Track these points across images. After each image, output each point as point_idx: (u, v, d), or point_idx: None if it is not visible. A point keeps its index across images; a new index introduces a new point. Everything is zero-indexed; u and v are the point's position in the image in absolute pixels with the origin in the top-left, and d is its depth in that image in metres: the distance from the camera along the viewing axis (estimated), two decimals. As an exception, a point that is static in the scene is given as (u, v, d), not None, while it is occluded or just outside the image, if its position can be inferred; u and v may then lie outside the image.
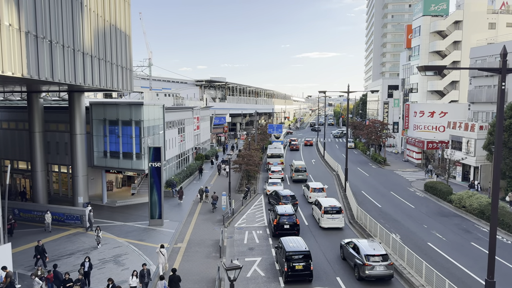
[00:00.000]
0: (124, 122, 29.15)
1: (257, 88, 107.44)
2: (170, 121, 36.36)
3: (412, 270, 17.98)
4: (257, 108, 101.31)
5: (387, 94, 66.21)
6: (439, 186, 32.87)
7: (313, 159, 56.07)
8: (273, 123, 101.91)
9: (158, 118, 31.42)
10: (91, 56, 19.59)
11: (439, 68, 11.50)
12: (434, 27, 54.55)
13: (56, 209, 26.69)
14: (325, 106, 72.57)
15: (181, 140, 39.82)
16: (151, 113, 29.88)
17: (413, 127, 49.92)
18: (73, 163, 28.12)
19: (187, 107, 44.37)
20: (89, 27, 19.09)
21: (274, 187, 33.79)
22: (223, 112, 74.46)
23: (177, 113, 38.81)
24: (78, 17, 17.87)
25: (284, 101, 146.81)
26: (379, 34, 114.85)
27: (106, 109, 29.67)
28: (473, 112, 41.34)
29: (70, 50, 17.30)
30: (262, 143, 59.71)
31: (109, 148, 29.92)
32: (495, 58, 38.47)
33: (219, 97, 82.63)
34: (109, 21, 21.58)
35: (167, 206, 30.13)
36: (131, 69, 25.31)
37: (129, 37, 24.76)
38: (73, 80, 17.56)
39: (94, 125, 29.94)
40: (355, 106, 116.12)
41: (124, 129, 29.23)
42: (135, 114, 28.53)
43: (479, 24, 53.18)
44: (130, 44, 25.02)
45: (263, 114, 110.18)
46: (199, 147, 49.97)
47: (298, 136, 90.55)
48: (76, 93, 26.95)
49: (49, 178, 32.77)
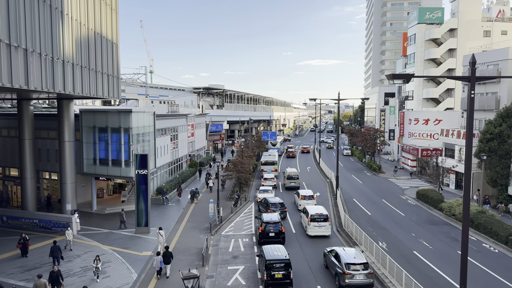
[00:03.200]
0: (113, 129, 29.22)
1: (255, 95, 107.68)
2: (162, 128, 36.43)
3: (394, 279, 17.82)
4: (255, 115, 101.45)
5: (383, 102, 66.22)
6: (430, 194, 32.69)
7: (309, 166, 55.96)
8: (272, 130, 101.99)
9: (148, 125, 31.49)
10: (73, 64, 19.73)
11: (406, 76, 11.48)
12: (429, 35, 54.73)
13: (43, 216, 26.70)
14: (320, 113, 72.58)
15: (173, 147, 39.86)
16: (140, 120, 29.96)
17: (408, 134, 49.83)
18: (62, 170, 28.16)
19: (181, 114, 44.47)
20: (70, 36, 19.26)
21: (265, 194, 33.68)
22: (220, 119, 74.58)
23: (170, 120, 38.89)
24: (57, 26, 18.04)
25: (284, 108, 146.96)
26: (378, 41, 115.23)
27: (95, 116, 29.77)
28: (465, 120, 41.20)
29: (48, 58, 17.43)
30: (258, 150, 59.71)
31: (99, 155, 29.97)
32: (487, 65, 38.45)
33: (217, 104, 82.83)
34: (94, 30, 21.77)
35: (157, 214, 30.08)
36: (118, 76, 25.44)
37: (116, 45, 24.93)
38: (51, 88, 17.66)
39: (84, 132, 30.02)
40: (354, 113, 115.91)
41: (113, 136, 29.29)
42: (124, 121, 28.61)
43: (474, 32, 53.32)
44: (117, 52, 25.17)
45: (261, 121, 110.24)
46: (193, 154, 49.99)
47: (296, 143, 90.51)
48: (65, 100, 27.08)
49: (40, 185, 32.85)
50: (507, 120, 30.40)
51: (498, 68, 36.83)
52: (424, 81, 55.56)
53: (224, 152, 68.45)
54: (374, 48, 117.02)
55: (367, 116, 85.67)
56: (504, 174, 30.17)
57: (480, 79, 12.41)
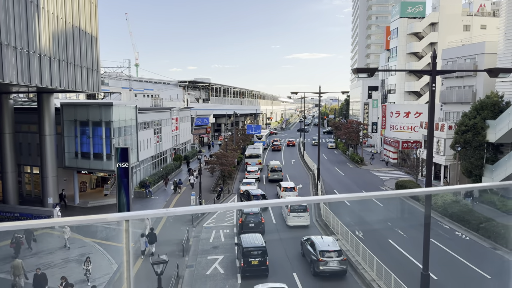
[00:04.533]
0: (94, 122, 29.28)
1: (242, 89, 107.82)
2: (145, 122, 36.53)
3: (366, 265, 18.51)
4: (242, 109, 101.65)
5: (367, 95, 67.15)
6: (408, 185, 33.58)
7: (293, 159, 56.63)
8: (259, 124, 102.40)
9: (130, 119, 31.60)
10: (50, 57, 19.79)
11: (371, 70, 11.97)
12: (411, 29, 55.55)
13: (25, 210, 26.77)
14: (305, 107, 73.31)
15: (157, 140, 40.00)
16: (122, 113, 30.05)
17: (390, 127, 50.77)
18: (43, 164, 28.18)
19: (165, 107, 44.56)
20: (46, 29, 19.29)
21: (247, 187, 34.17)
22: (206, 113, 74.67)
23: (153, 114, 38.99)
24: (33, 19, 18.07)
25: (271, 102, 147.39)
26: (364, 35, 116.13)
27: (76, 110, 29.77)
28: (444, 112, 42.24)
29: (24, 51, 17.49)
30: (243, 144, 60.13)
31: (80, 149, 30.03)
32: (464, 59, 39.40)
33: (203, 98, 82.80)
34: (71, 23, 21.79)
35: (139, 207, 30.36)
36: (98, 70, 25.51)
37: (95, 39, 24.96)
38: (27, 81, 17.75)
39: (65, 126, 30.01)
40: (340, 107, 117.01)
41: (95, 130, 29.37)
42: (105, 114, 28.68)
43: (454, 26, 54.27)
44: (97, 46, 25.21)
45: (248, 115, 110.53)
46: (178, 148, 50.16)
47: (282, 136, 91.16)
48: (45, 94, 27.02)
49: (21, 179, 32.76)
50: (481, 112, 31.30)
51: (474, 61, 37.78)
52: (406, 75, 56.48)
53: (212, 145, 68.83)
54: (359, 41, 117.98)
55: (352, 110, 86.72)
56: (478, 165, 31.14)
57: (441, 73, 13.01)
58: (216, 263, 20.09)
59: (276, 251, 21.32)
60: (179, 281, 17.88)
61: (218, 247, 22.50)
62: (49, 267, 19.48)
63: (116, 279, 18.36)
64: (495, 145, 31.02)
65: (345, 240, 21.64)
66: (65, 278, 15.56)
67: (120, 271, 19.23)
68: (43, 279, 15.91)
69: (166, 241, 23.38)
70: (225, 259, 20.53)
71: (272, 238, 23.46)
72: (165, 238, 23.85)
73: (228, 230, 25.58)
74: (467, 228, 24.99)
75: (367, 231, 24.67)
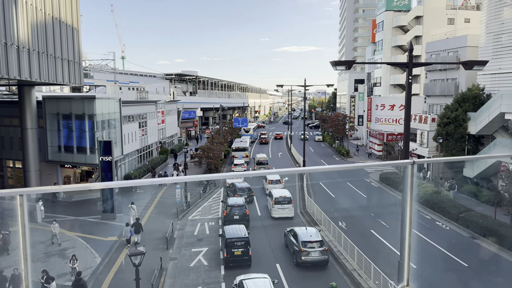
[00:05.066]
0: (77, 116, 28.95)
1: (230, 82, 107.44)
2: (130, 115, 36.25)
3: (348, 255, 18.84)
4: (230, 102, 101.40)
5: (353, 88, 67.59)
6: (392, 176, 34.08)
7: (280, 152, 56.88)
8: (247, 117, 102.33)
9: (113, 112, 31.32)
10: (29, 50, 19.47)
11: (349, 63, 12.11)
12: (396, 22, 55.94)
13: (7, 205, 26.45)
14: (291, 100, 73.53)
15: (142, 134, 39.75)
16: (105, 106, 29.77)
17: (375, 120, 51.25)
18: (25, 158, 27.83)
19: (150, 100, 44.24)
20: (25, 21, 18.95)
21: (233, 179, 34.25)
22: (194, 106, 74.31)
23: (138, 107, 38.71)
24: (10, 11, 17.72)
25: (259, 95, 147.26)
26: (351, 28, 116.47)
27: (59, 103, 29.38)
28: (428, 105, 42.81)
29: (1, 43, 17.16)
30: (230, 137, 60.12)
31: (63, 143, 29.70)
32: (447, 52, 39.88)
33: (190, 91, 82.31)
34: (51, 15, 21.43)
35: (124, 200, 30.18)
36: (80, 62, 25.20)
37: (77, 31, 24.61)
38: (5, 74, 17.45)
39: (48, 119, 29.60)
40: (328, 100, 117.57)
41: (78, 123, 29.05)
42: (88, 108, 28.38)
43: (439, 20, 54.80)
44: (78, 38, 24.87)
45: (236, 108, 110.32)
46: (164, 141, 49.94)
47: (270, 129, 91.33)
48: (26, 87, 26.60)
49: (3, 174, 32.31)
50: (463, 105, 31.84)
51: (457, 55, 38.29)
52: (392, 68, 56.97)
53: (200, 138, 68.61)
54: (347, 34, 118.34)
55: (340, 103, 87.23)
56: (459, 156, 31.74)
57: (416, 65, 13.24)
58: (200, 255, 20.20)
59: (261, 243, 21.52)
60: (162, 273, 17.95)
61: (202, 239, 22.60)
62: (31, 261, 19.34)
63: (99, 272, 18.36)
64: (476, 137, 31.60)
65: (328, 231, 21.96)
66: (46, 272, 15.50)
67: (104, 264, 19.24)
68: (19, 279, 15.78)
69: (150, 234, 23.38)
70: (209, 251, 20.66)
71: (257, 230, 23.67)
72: (149, 231, 23.84)
73: (213, 222, 25.68)
74: (448, 218, 25.54)
75: (350, 222, 25.04)
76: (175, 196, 29.58)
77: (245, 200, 26.68)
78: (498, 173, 25.56)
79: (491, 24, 32.41)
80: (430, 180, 35.41)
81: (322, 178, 38.41)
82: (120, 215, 26.63)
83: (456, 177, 32.61)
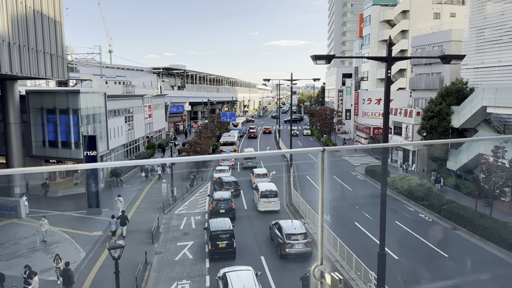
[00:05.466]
0: (61, 110, 28.66)
1: (218, 76, 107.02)
2: (115, 109, 35.97)
3: (331, 246, 19.10)
4: (218, 96, 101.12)
5: (341, 82, 67.91)
6: (377, 170, 34.48)
7: (269, 146, 57.05)
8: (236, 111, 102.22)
9: (99, 106, 31.06)
10: (9, 43, 19.17)
11: (328, 57, 12.20)
12: (383, 16, 56.24)
13: (-10, 200, 26.13)
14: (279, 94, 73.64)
15: (129, 128, 39.50)
16: (90, 101, 29.50)
17: (362, 114, 51.70)
18: (8, 153, 27.49)
19: (136, 95, 43.91)
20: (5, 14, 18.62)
21: (221, 174, 34.34)
22: (182, 101, 73.91)
23: (124, 101, 38.40)
24: (-11, 3, 17.43)
25: (248, 89, 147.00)
26: (339, 22, 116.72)
27: (43, 98, 29.04)
28: (414, 99, 43.32)
29: (-21, 36, 16.91)
30: (219, 131, 60.07)
31: (48, 137, 29.41)
32: (432, 47, 40.33)
33: (178, 85, 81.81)
34: (33, 8, 21.09)
35: (110, 195, 30.08)
36: (63, 56, 24.89)
37: (60, 24, 24.28)
38: (-16, 67, 17.20)
39: (32, 114, 29.26)
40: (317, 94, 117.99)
41: (62, 118, 28.79)
42: (72, 102, 28.10)
43: (425, 14, 55.24)
44: (61, 31, 24.54)
45: (225, 103, 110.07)
46: (151, 136, 49.69)
47: (259, 124, 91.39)
48: (8, 81, 26.21)
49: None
50: (447, 98, 32.30)
51: (442, 49, 38.74)
52: (379, 62, 57.33)
53: (190, 132, 68.38)
54: (335, 29, 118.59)
55: (328, 97, 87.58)
56: (443, 150, 32.25)
57: (395, 59, 13.40)
58: (186, 249, 20.29)
59: (246, 236, 21.70)
60: (147, 267, 18.01)
61: (188, 233, 22.68)
62: (14, 257, 19.24)
63: (83, 267, 18.33)
64: (459, 130, 32.12)
65: (313, 223, 22.21)
66: (29, 267, 15.42)
67: (88, 258, 19.21)
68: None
69: (136, 228, 23.38)
70: (195, 245, 20.75)
71: (243, 223, 23.84)
72: (135, 226, 23.83)
73: (200, 216, 25.76)
74: (430, 210, 26.02)
75: (335, 214, 25.34)
76: (161, 191, 29.55)
77: (231, 194, 26.80)
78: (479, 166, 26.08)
79: (475, 18, 32.84)
80: (414, 173, 35.94)
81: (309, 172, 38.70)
82: (106, 210, 26.53)
83: (440, 169, 33.17)
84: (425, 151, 33.72)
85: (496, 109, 27.69)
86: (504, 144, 22.47)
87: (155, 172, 34.01)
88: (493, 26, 31.08)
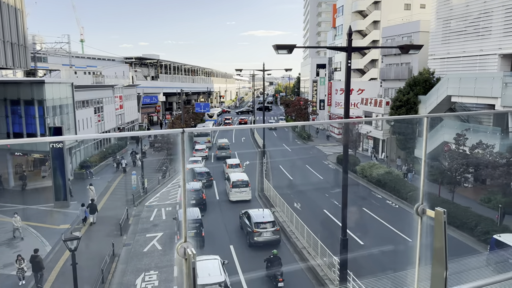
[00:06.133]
0: (26, 101, 27.79)
1: (194, 66, 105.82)
2: (84, 100, 35.12)
3: (299, 234, 19.45)
4: (194, 87, 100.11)
5: (315, 73, 68.36)
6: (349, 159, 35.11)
7: (244, 137, 57.09)
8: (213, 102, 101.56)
9: (66, 97, 30.25)
10: (-36, 30, 18.34)
11: (289, 47, 12.26)
12: (355, 7, 56.75)
13: (-49, 195, 25.21)
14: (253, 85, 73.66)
15: (98, 120, 38.69)
16: (56, 91, 28.69)
17: (335, 104, 52.38)
18: (-31, 146, 26.49)
19: (106, 85, 42.96)
20: (-43, -1, 17.76)
21: (193, 165, 34.19)
22: (155, 91, 72.80)
23: (93, 92, 37.54)
24: None
25: (225, 80, 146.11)
26: (315, 13, 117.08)
27: (6, 88, 28.05)
28: (384, 89, 44.16)
29: None
30: (194, 123, 59.61)
31: (12, 129, 28.51)
32: (402, 37, 41.11)
33: (151, 76, 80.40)
34: (-11, -6, 20.21)
35: (79, 188, 29.49)
36: (25, 45, 24.02)
37: (21, 11, 23.36)
38: None
39: (-6, 106, 28.26)
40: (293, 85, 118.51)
41: (27, 109, 27.93)
42: (37, 93, 27.27)
43: (396, 5, 56.04)
44: (23, 19, 23.63)
45: (201, 93, 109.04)
46: (123, 127, 48.84)
47: (235, 114, 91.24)
48: (-33, 71, 25.11)
49: None
50: (414, 88, 33.11)
51: (411, 39, 39.55)
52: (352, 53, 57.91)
53: (165, 124, 67.50)
54: (311, 19, 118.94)
55: (304, 87, 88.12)
56: (411, 138, 33.13)
57: (356, 49, 13.63)
58: (155, 240, 20.23)
59: (216, 226, 21.80)
60: (115, 259, 17.87)
61: (158, 224, 22.58)
62: (-25, 252, 18.70)
63: (48, 260, 18.02)
64: (426, 119, 32.98)
65: (282, 211, 22.50)
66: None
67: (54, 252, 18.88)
68: None
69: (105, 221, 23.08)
70: (164, 236, 20.71)
71: (213, 213, 23.91)
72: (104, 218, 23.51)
73: (170, 208, 25.66)
74: (397, 197, 26.80)
75: (305, 202, 25.75)
76: (131, 183, 29.22)
77: (203, 184, 26.79)
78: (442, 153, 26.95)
79: (441, 9, 33.61)
80: (383, 161, 36.80)
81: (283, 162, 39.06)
82: (74, 203, 26.04)
83: (408, 158, 34.09)
84: (391, 140, 34.53)
85: (460, 98, 28.59)
86: (465, 132, 23.30)
87: (121, 165, 33.56)
88: (458, 17, 31.90)
